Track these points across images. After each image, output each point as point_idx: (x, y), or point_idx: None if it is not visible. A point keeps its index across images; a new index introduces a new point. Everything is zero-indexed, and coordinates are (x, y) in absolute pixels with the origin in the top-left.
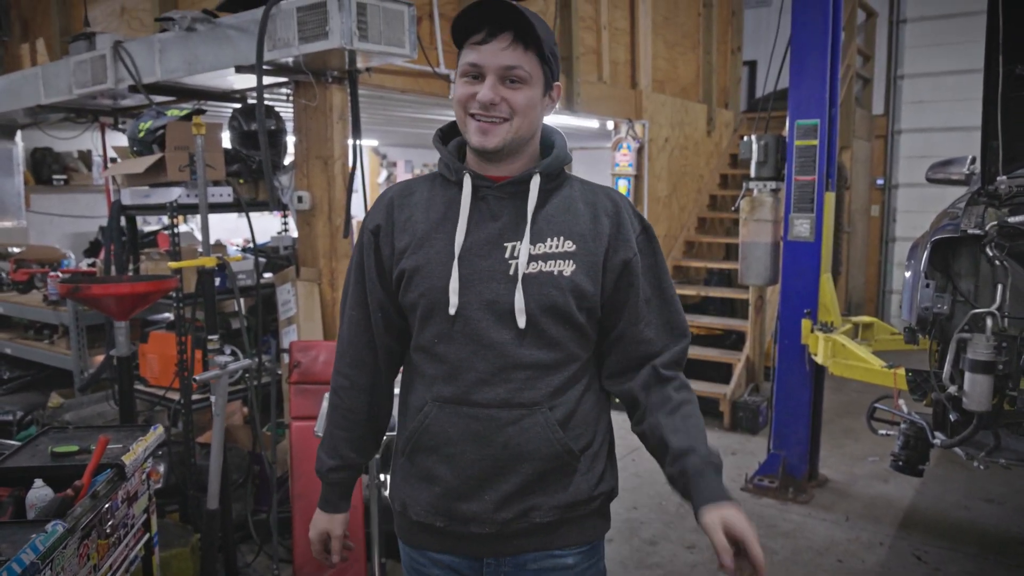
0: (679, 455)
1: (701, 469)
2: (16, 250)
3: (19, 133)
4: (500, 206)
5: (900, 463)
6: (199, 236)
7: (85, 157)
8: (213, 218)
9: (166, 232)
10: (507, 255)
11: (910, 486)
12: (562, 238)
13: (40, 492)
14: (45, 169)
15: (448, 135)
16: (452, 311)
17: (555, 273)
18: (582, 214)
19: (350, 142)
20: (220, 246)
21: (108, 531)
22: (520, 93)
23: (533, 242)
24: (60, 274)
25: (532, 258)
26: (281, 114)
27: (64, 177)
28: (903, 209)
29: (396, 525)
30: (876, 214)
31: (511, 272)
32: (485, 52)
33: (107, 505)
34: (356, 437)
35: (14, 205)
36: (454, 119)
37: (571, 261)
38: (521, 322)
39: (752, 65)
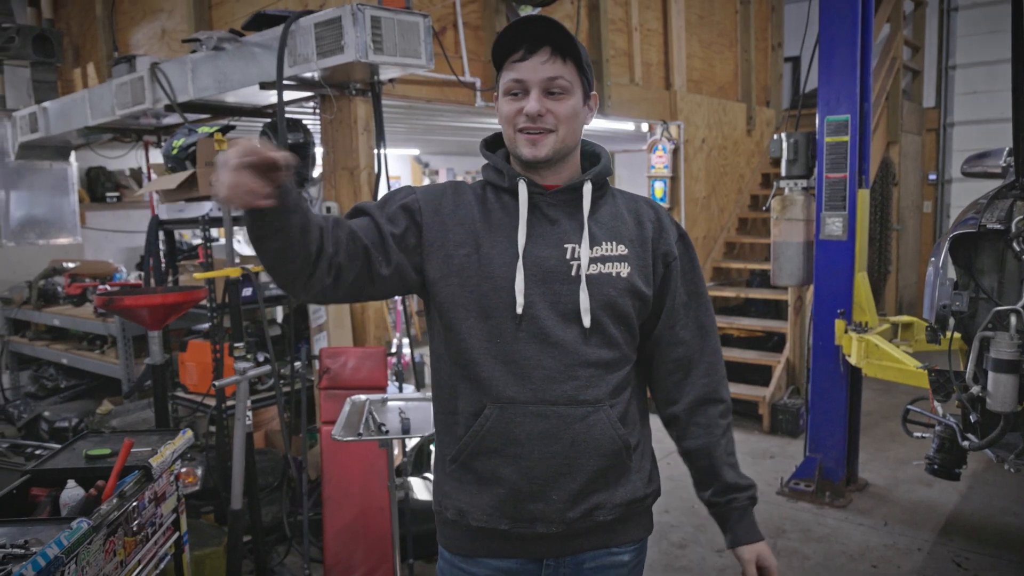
0: (728, 490)
1: (746, 508)
2: (71, 265)
3: (73, 154)
4: (555, 212)
5: (935, 466)
6: (243, 248)
7: (136, 174)
8: None
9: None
10: (568, 256)
11: (955, 491)
12: (615, 242)
13: (72, 492)
14: (99, 187)
15: (492, 145)
16: (519, 310)
17: (613, 275)
18: (628, 220)
19: (376, 152)
20: (252, 257)
21: (135, 529)
22: (563, 103)
23: (591, 245)
24: (108, 287)
25: (592, 260)
26: (309, 127)
27: (117, 194)
28: (957, 204)
29: (445, 535)
30: (928, 211)
31: (573, 273)
32: (526, 68)
33: (133, 504)
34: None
35: (70, 222)
36: (497, 130)
37: (626, 263)
38: (587, 321)
39: (795, 61)
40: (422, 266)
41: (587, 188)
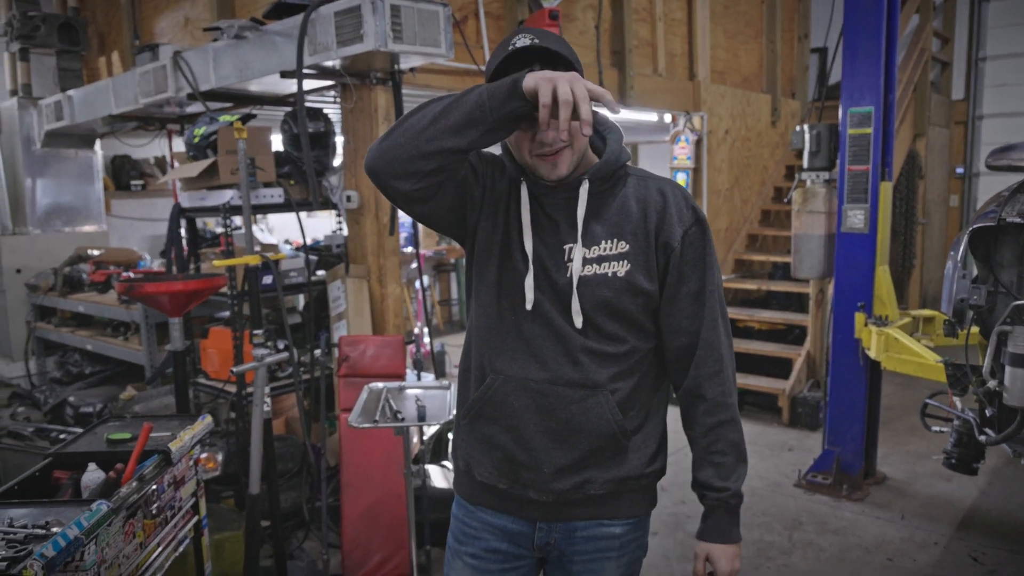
0: (701, 486)
1: (715, 507)
2: (96, 253)
3: (98, 142)
4: (554, 209)
5: (953, 461)
6: (266, 237)
7: (160, 163)
8: (284, 219)
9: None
10: (565, 258)
11: (974, 485)
12: (616, 239)
13: (93, 475)
14: (124, 175)
15: None
16: (529, 307)
17: (610, 275)
18: (633, 212)
19: None
20: (272, 245)
21: (154, 512)
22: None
23: (587, 245)
24: (131, 275)
25: (586, 261)
26: (330, 116)
27: (141, 183)
28: (984, 199)
29: (457, 482)
30: (955, 204)
31: (568, 274)
32: None
33: (153, 487)
34: None
35: (95, 210)
36: None
37: (625, 261)
38: (578, 322)
39: (822, 52)
40: (476, 223)
41: (584, 188)
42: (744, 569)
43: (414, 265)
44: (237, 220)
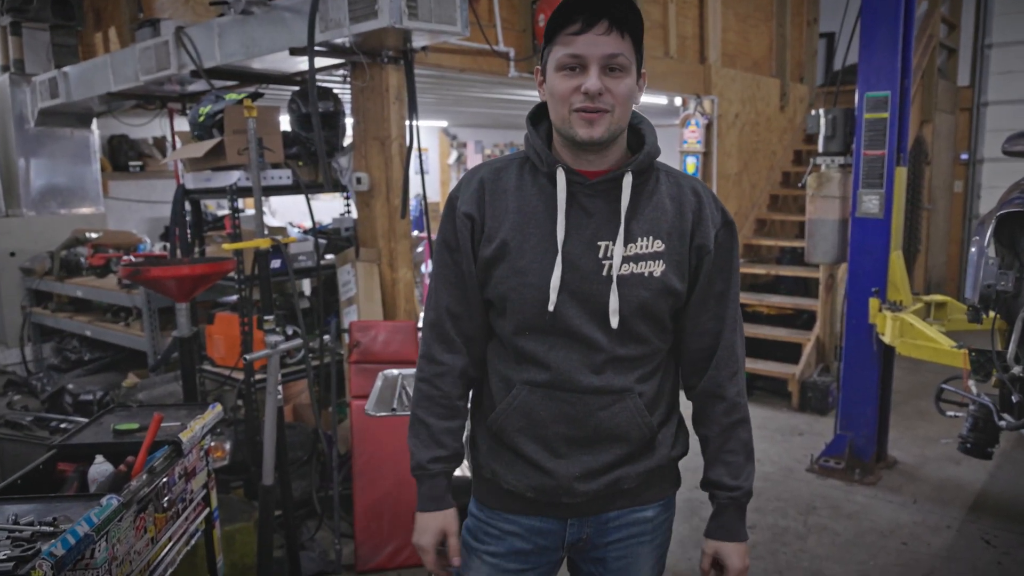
0: (712, 484)
1: (725, 506)
2: (94, 236)
3: (95, 121)
4: (592, 204)
5: (968, 445)
6: (269, 219)
7: (160, 143)
8: (287, 201)
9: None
10: (600, 255)
11: (983, 469)
12: (651, 237)
13: (101, 468)
14: (122, 156)
15: (537, 116)
16: (552, 308)
17: (646, 275)
18: (668, 210)
19: (407, 122)
20: (280, 228)
21: (166, 505)
22: (622, 82)
23: (625, 243)
24: (132, 258)
25: (625, 260)
26: (339, 96)
27: (140, 163)
28: (988, 185)
29: (480, 490)
30: (959, 190)
31: (604, 273)
32: (584, 42)
33: (164, 480)
34: (457, 426)
35: (92, 192)
36: (533, 101)
37: (660, 261)
38: (614, 322)
39: (830, 37)
40: (480, 247)
41: (627, 181)
42: (761, 554)
43: (420, 248)
44: (241, 202)
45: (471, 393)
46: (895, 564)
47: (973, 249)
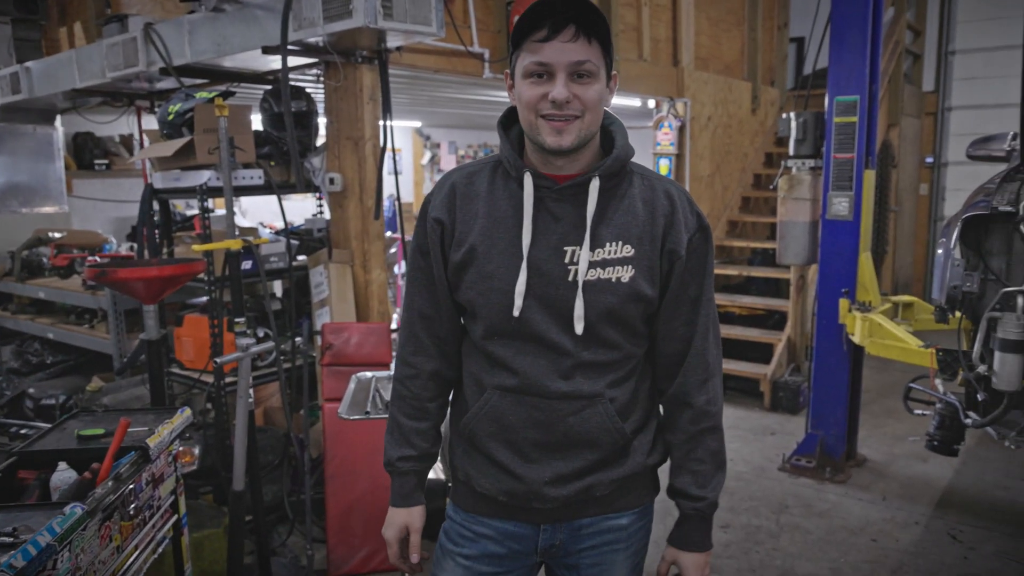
0: (676, 493)
1: (689, 516)
2: (57, 235)
3: (59, 118)
4: (560, 208)
5: (935, 443)
6: (239, 220)
7: (127, 141)
8: (258, 201)
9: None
10: (566, 260)
11: (949, 466)
12: (621, 242)
13: (64, 475)
14: (87, 154)
15: (509, 121)
16: (516, 313)
17: (613, 280)
18: (640, 214)
19: (381, 123)
20: (251, 229)
21: (132, 512)
22: (590, 88)
23: (592, 248)
24: (98, 259)
25: (591, 265)
26: (312, 95)
27: (106, 162)
28: (952, 188)
29: (456, 493)
30: (925, 193)
31: (570, 278)
32: (551, 49)
33: (130, 487)
34: (428, 427)
35: (56, 190)
36: (507, 104)
37: (629, 266)
38: (579, 328)
39: (800, 42)
40: (450, 252)
41: (594, 184)
42: (734, 554)
43: (393, 250)
44: (212, 202)
45: (452, 394)
46: (865, 561)
47: (940, 251)
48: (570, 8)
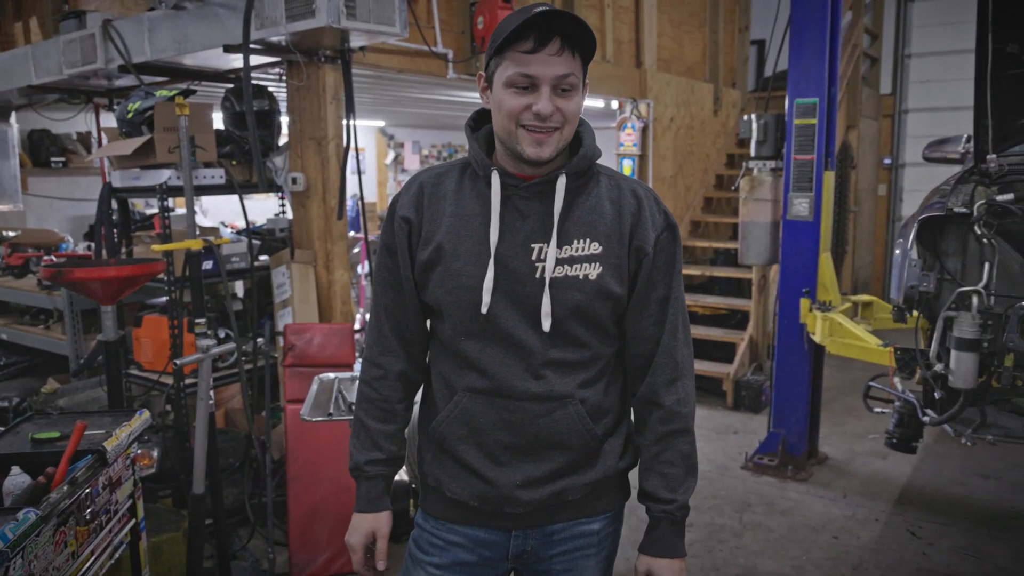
0: (645, 496)
1: (659, 519)
2: (12, 234)
3: (14, 114)
4: (527, 206)
5: (894, 440)
6: (201, 219)
7: (84, 139)
8: (219, 200)
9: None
10: (534, 257)
11: (908, 463)
12: (588, 240)
13: (17, 479)
14: (43, 151)
15: (479, 122)
16: (484, 310)
17: (580, 277)
18: (607, 213)
19: (344, 122)
20: (212, 229)
21: (88, 517)
22: (572, 101)
23: (560, 245)
24: (54, 258)
25: (559, 262)
26: (275, 94)
27: (63, 160)
28: (910, 188)
29: (426, 499)
30: (883, 193)
31: (538, 275)
32: (537, 63)
33: (86, 491)
34: (396, 430)
35: (10, 188)
36: (474, 105)
37: (597, 264)
38: (546, 325)
39: (761, 44)
40: (418, 252)
41: (561, 182)
42: (698, 552)
43: (356, 250)
44: (172, 201)
45: (420, 397)
46: (827, 558)
47: (897, 252)
48: (559, 22)
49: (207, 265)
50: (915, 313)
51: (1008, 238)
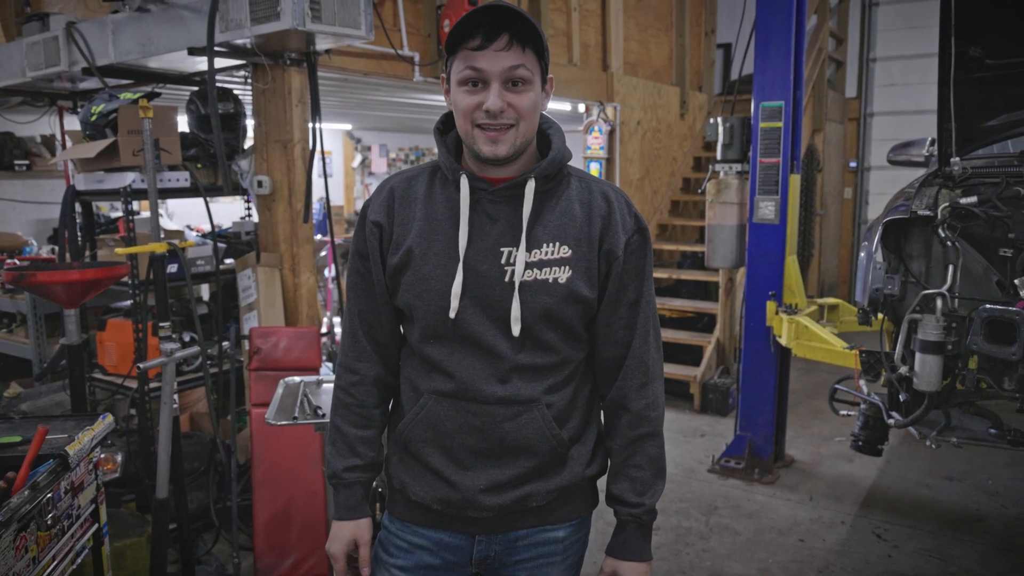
0: (613, 499)
1: (627, 522)
2: None
3: None
4: (496, 210)
5: (860, 443)
6: (166, 222)
7: (48, 142)
8: (185, 203)
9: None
10: (503, 261)
11: (874, 465)
12: (558, 243)
13: None
14: (6, 154)
15: (447, 125)
16: (452, 315)
17: (550, 281)
18: (577, 216)
19: (310, 125)
20: (177, 232)
21: (50, 522)
22: (524, 96)
23: (529, 249)
24: (17, 262)
25: (528, 266)
26: (240, 97)
27: (27, 162)
28: (875, 191)
29: (391, 502)
30: (849, 196)
31: (507, 279)
32: (485, 57)
33: (48, 496)
34: (373, 435)
35: None
36: (440, 107)
37: (567, 267)
38: (516, 330)
39: (727, 48)
40: (388, 256)
41: (530, 186)
42: (664, 555)
43: (323, 253)
44: (135, 204)
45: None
46: (793, 561)
47: (862, 254)
48: (505, 17)
49: (172, 268)
50: (880, 316)
51: (972, 241)
